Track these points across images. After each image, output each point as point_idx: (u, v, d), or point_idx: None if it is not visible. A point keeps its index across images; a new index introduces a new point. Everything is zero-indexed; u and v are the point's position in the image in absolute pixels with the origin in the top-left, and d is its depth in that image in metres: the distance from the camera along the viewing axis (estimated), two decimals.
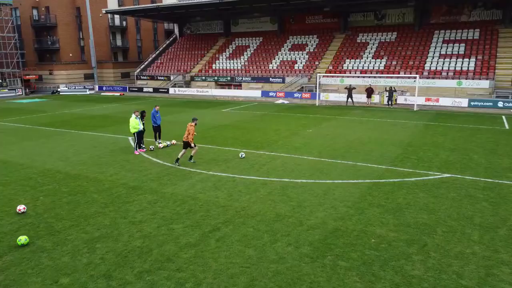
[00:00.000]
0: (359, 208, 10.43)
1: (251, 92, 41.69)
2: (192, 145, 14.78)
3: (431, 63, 37.47)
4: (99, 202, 11.15)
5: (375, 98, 35.10)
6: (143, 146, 17.71)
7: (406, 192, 11.66)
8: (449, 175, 13.33)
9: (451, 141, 18.74)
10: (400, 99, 33.94)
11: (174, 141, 18.75)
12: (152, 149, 17.42)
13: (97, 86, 51.75)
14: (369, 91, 34.42)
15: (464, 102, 31.61)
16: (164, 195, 11.61)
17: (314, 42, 46.40)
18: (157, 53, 55.96)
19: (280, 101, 37.73)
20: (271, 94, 40.25)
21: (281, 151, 16.92)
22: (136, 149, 16.97)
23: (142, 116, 17.82)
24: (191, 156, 15.29)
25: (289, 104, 36.25)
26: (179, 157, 14.95)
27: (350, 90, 33.85)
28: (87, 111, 32.09)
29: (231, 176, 13.40)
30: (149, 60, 54.83)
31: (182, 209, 10.55)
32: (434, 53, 38.55)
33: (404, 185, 12.27)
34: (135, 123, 16.84)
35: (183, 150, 14.96)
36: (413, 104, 32.00)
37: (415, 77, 31.45)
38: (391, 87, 32.81)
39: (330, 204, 10.76)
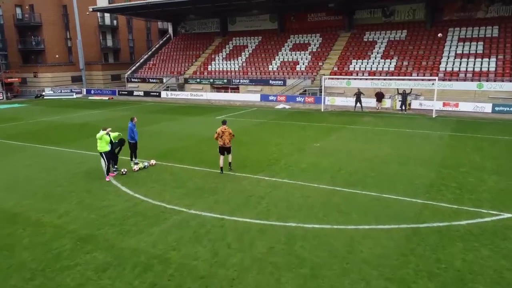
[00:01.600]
0: (403, 282, 7.06)
1: (249, 96, 38.33)
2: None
3: (447, 64, 34.12)
4: (26, 268, 7.79)
5: (386, 103, 31.75)
6: (116, 168, 14.38)
7: (462, 247, 8.30)
8: (510, 215, 9.97)
9: (492, 159, 15.37)
10: (415, 104, 30.56)
11: (153, 161, 15.36)
12: (124, 172, 14.05)
13: (84, 90, 48.39)
14: (379, 95, 31.09)
15: (487, 107, 28.25)
16: (121, 254, 8.25)
17: (317, 41, 43.06)
18: (149, 54, 52.63)
19: (281, 106, 34.40)
20: (271, 98, 36.89)
21: (284, 175, 13.56)
22: (108, 174, 13.58)
23: (121, 145, 14.45)
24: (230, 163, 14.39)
25: (291, 109, 32.90)
26: (222, 166, 14.12)
27: (358, 95, 30.51)
28: (66, 119, 28.72)
29: (218, 218, 10.04)
30: (141, 61, 51.49)
31: (143, 282, 7.19)
32: (450, 52, 35.19)
33: (455, 234, 8.91)
34: (105, 142, 13.37)
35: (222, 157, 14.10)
36: (430, 110, 28.65)
37: (433, 79, 28.08)
38: (404, 90, 29.44)
39: (358, 272, 7.39)
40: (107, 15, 55.09)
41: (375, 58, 37.66)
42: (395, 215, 10.01)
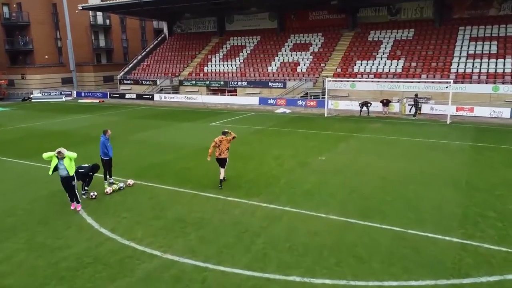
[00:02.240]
0: None
1: (247, 99, 36.05)
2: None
3: (458, 65, 31.86)
4: None
5: (395, 107, 29.47)
6: (86, 190, 12.12)
7: None
8: None
9: None
10: (425, 108, 28.26)
11: (131, 181, 13.07)
12: (93, 196, 11.77)
13: (75, 92, 46.11)
14: (386, 101, 28.85)
15: (505, 112, 25.97)
16: None
17: (319, 41, 40.79)
18: (143, 54, 50.35)
19: (280, 110, 32.14)
20: (270, 101, 34.62)
21: (285, 201, 11.28)
22: (73, 200, 11.25)
23: (94, 169, 12.15)
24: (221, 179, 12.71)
25: (292, 114, 30.64)
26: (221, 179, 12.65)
27: (365, 103, 28.35)
28: (48, 125, 26.44)
29: (201, 267, 7.78)
30: (134, 62, 49.20)
31: None
32: (461, 52, 32.92)
33: None
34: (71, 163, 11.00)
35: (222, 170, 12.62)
36: (443, 115, 26.47)
37: (447, 82, 25.78)
38: (416, 94, 27.17)
39: None
40: (99, 14, 52.86)
41: (381, 59, 35.40)
42: (429, 264, 7.74)
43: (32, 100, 43.24)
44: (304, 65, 38.27)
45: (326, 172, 14.07)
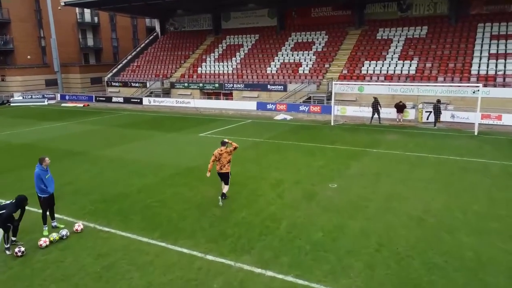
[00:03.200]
0: None
1: (244, 103, 32.65)
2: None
3: (479, 66, 28.49)
4: None
5: (410, 114, 26.11)
6: (14, 240, 8.82)
7: None
8: None
9: None
10: (445, 115, 24.83)
11: (79, 225, 9.67)
12: (19, 253, 8.41)
13: (58, 95, 42.71)
14: (401, 107, 25.50)
15: None
16: None
17: (323, 39, 37.41)
18: (133, 54, 46.98)
19: (280, 116, 28.76)
20: (269, 106, 31.21)
21: (287, 263, 7.92)
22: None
23: (18, 206, 8.75)
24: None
25: (293, 121, 27.27)
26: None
27: (375, 104, 25.00)
28: (14, 136, 23.03)
29: None
30: (124, 62, 45.82)
31: None
32: (481, 52, 29.55)
33: None
34: None
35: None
36: (466, 123, 23.21)
37: (476, 86, 22.33)
38: (438, 100, 23.80)
39: None
40: (87, 11, 49.48)
41: (392, 59, 32.04)
42: None
43: (12, 104, 39.84)
44: (307, 66, 34.90)
45: (341, 210, 10.69)
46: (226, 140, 11.30)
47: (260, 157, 16.67)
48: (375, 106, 24.98)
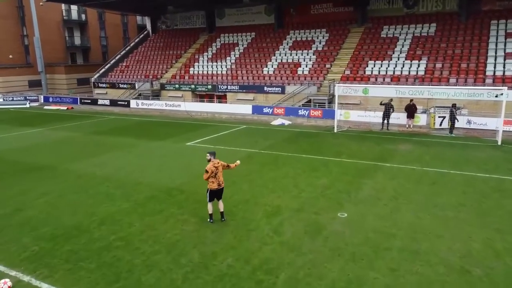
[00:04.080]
0: None
1: (238, 107, 30.21)
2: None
3: (495, 66, 26.15)
4: None
5: (421, 119, 23.73)
6: None
7: None
8: None
9: None
10: (461, 121, 22.35)
11: (5, 284, 7.17)
12: None
13: (42, 97, 40.11)
14: (411, 110, 23.12)
15: None
16: None
17: (323, 38, 34.99)
18: (122, 53, 44.42)
19: (278, 121, 26.31)
20: (265, 110, 28.77)
21: None
22: None
23: None
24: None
25: (292, 127, 24.85)
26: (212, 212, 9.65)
27: (388, 107, 22.66)
28: None
29: None
30: (112, 62, 43.27)
31: None
32: (496, 51, 27.21)
33: None
34: None
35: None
36: (484, 130, 20.87)
37: (500, 89, 19.86)
38: (453, 105, 21.41)
39: None
40: (73, 7, 46.89)
41: (398, 59, 29.64)
42: None
43: None
44: (306, 66, 32.46)
45: (356, 254, 8.24)
46: (215, 151, 10.07)
47: (253, 173, 14.20)
48: (388, 110, 22.59)
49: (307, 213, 10.46)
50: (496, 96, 19.42)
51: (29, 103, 38.68)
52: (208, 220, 9.88)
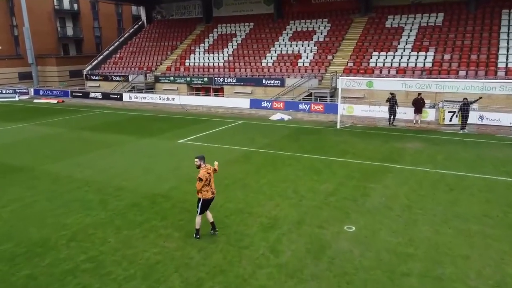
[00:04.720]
0: None
1: (236, 100, 28.73)
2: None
3: (507, 58, 24.65)
4: None
5: (429, 114, 22.30)
6: None
7: None
8: None
9: None
10: (472, 117, 20.85)
11: None
12: None
13: (32, 90, 38.60)
14: (419, 104, 21.68)
15: None
16: None
17: (325, 28, 33.39)
18: (116, 45, 42.78)
19: (277, 116, 24.88)
20: (264, 104, 27.29)
21: None
22: None
23: None
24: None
25: (292, 122, 23.44)
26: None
27: (392, 102, 21.23)
28: None
29: None
30: (105, 54, 41.65)
31: None
32: (508, 42, 25.69)
33: None
34: None
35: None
36: (497, 126, 19.43)
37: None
38: (465, 99, 19.96)
39: None
40: None
41: (404, 50, 28.10)
42: None
43: None
44: (307, 57, 30.92)
45: (368, 282, 6.89)
46: (203, 155, 8.61)
47: (249, 177, 12.81)
48: (392, 105, 21.15)
49: (309, 226, 9.10)
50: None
51: (18, 96, 37.18)
52: (194, 235, 8.53)
